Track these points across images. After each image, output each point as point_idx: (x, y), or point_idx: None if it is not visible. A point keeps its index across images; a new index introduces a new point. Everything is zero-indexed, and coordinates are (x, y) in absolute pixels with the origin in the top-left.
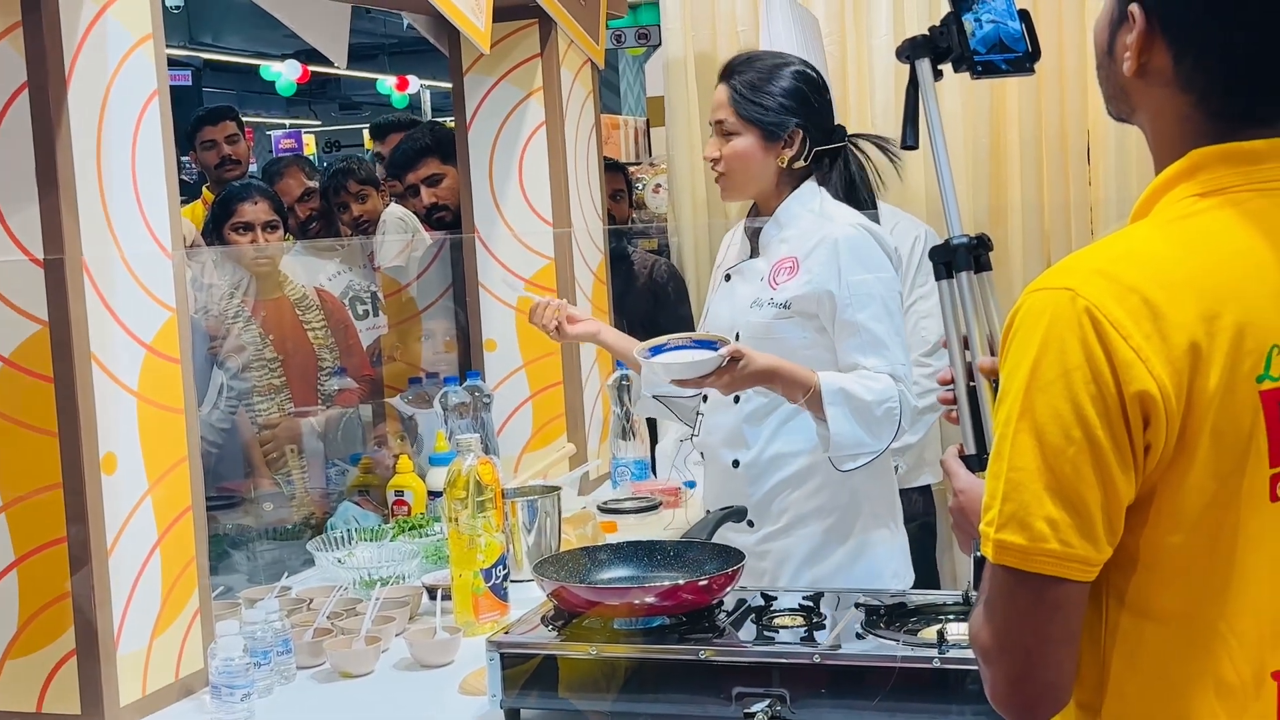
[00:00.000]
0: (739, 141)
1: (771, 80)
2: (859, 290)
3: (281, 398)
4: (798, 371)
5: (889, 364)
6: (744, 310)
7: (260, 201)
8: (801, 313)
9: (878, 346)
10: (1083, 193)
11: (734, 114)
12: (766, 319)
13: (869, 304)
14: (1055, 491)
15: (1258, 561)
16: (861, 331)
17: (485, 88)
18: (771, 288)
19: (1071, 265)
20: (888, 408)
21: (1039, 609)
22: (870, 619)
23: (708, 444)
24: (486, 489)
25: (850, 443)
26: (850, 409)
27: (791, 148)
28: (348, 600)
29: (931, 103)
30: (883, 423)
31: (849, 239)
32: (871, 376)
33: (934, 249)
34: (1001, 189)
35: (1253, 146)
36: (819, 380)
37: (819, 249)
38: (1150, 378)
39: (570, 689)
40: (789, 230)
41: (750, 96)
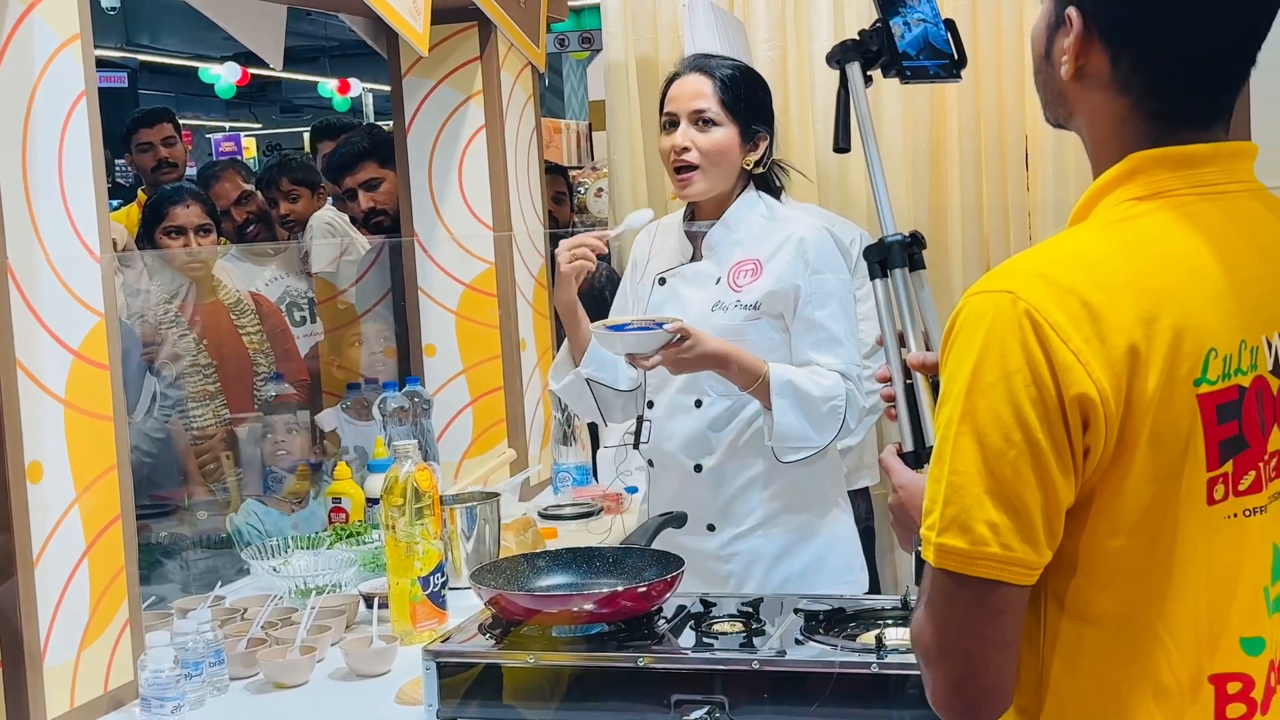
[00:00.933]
0: (721, 133)
1: (749, 81)
2: (820, 288)
3: (216, 404)
4: (748, 359)
5: (843, 362)
6: (703, 314)
7: (192, 205)
8: (770, 313)
9: (833, 344)
10: (1021, 196)
11: (719, 104)
12: (735, 321)
13: (828, 302)
14: (996, 495)
15: (1194, 565)
16: (818, 329)
17: (424, 90)
18: (733, 290)
19: (1012, 268)
20: (833, 405)
21: (980, 613)
22: (809, 624)
23: (664, 450)
24: (424, 496)
25: (794, 435)
26: (796, 402)
27: (757, 152)
28: (283, 610)
29: (863, 106)
30: (827, 419)
31: (814, 238)
32: (821, 373)
33: (868, 248)
34: (941, 192)
35: (1191, 150)
36: (769, 370)
37: (783, 249)
38: (1089, 381)
39: (508, 698)
40: (740, 232)
41: (736, 91)
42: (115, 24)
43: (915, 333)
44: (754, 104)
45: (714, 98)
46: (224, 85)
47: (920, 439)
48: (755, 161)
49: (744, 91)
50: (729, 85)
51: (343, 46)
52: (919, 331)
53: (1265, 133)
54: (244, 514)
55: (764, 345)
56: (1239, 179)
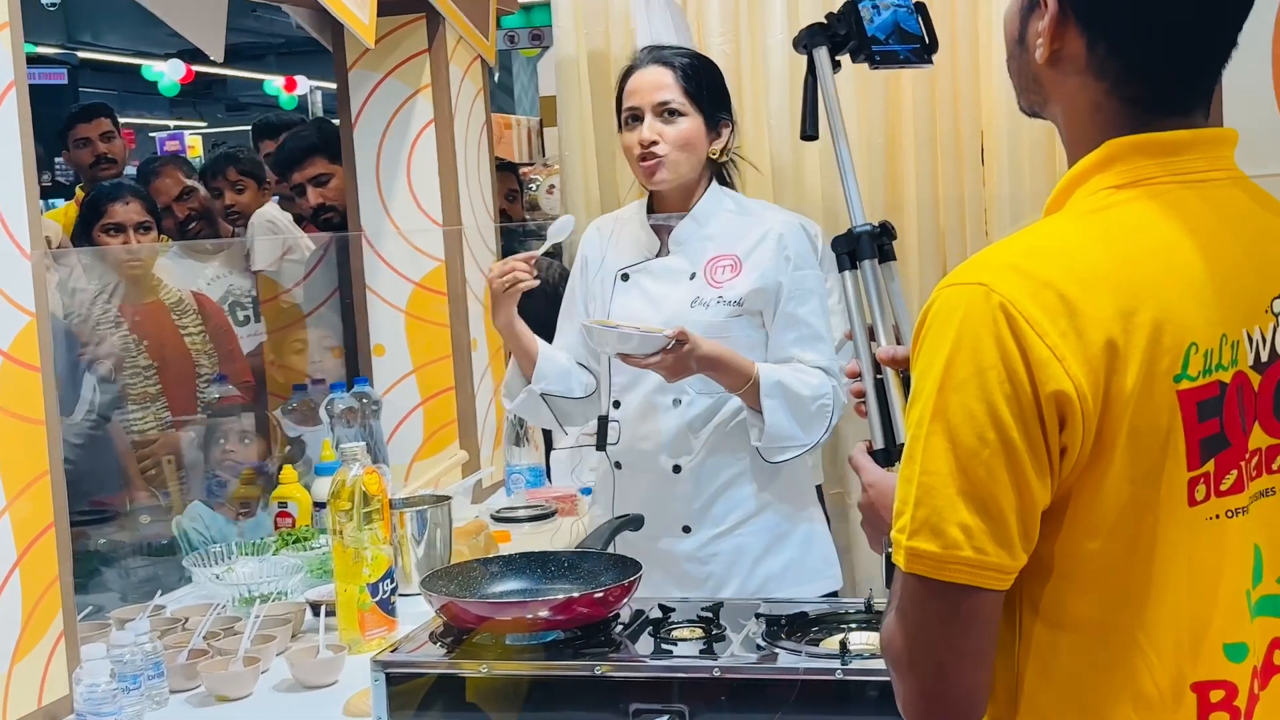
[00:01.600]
0: (687, 123)
1: (708, 68)
2: (801, 284)
3: (158, 406)
4: (739, 361)
5: (825, 358)
6: (680, 311)
7: (132, 201)
8: (751, 310)
9: (816, 340)
10: (977, 190)
11: (682, 94)
12: (719, 318)
13: (809, 298)
14: (969, 496)
15: (1175, 568)
16: (801, 325)
17: (371, 84)
18: (713, 286)
19: (985, 260)
20: (821, 404)
21: (953, 620)
22: (771, 630)
23: (639, 451)
24: (373, 499)
25: (784, 435)
26: (786, 402)
27: (721, 139)
28: (226, 619)
29: (830, 91)
30: (815, 418)
31: (792, 234)
32: (807, 371)
33: (837, 239)
34: (897, 186)
35: (1171, 136)
36: (758, 371)
37: (763, 244)
38: (1066, 377)
39: (461, 709)
40: (711, 227)
41: (697, 80)
42: (56, 20)
43: (885, 326)
44: (716, 91)
45: (677, 88)
46: (168, 83)
47: (891, 436)
48: (721, 149)
49: (705, 79)
50: (690, 74)
51: (289, 43)
52: (889, 325)
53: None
54: (190, 516)
55: (745, 342)
56: (1220, 166)
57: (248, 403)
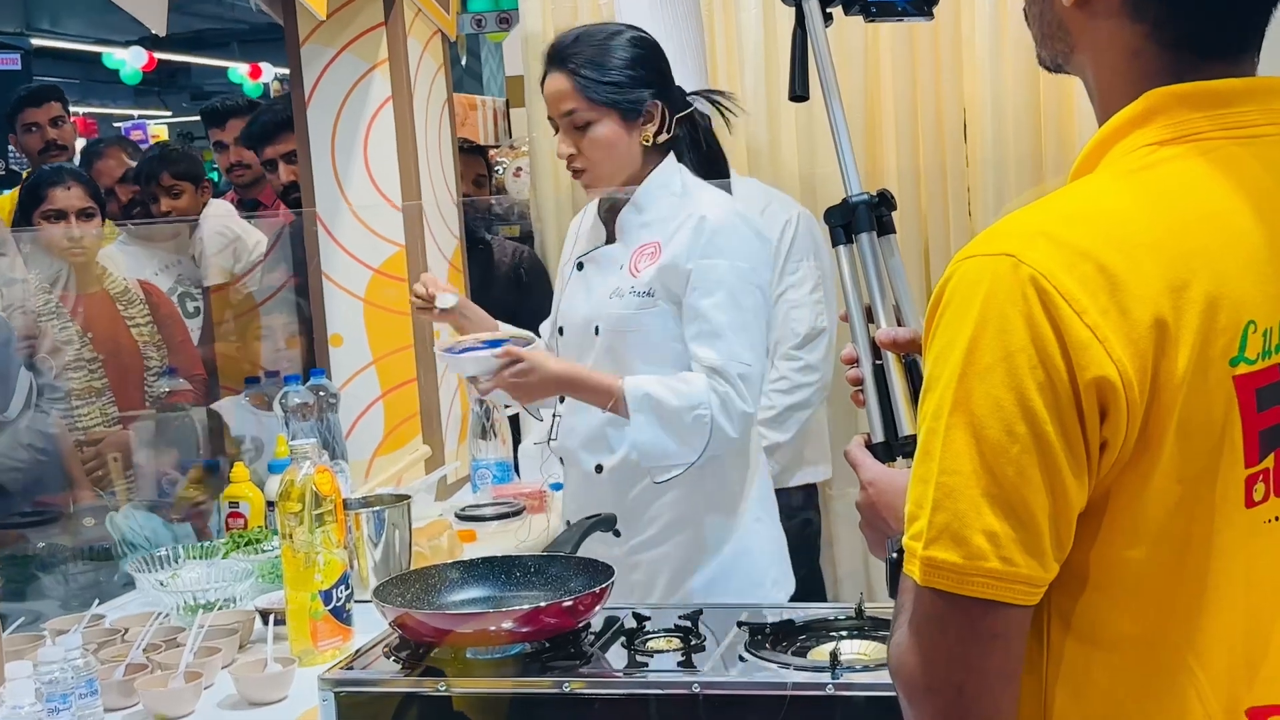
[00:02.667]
0: (598, 130)
1: (613, 53)
2: (707, 275)
3: (103, 401)
4: (598, 379)
5: (720, 357)
6: (603, 303)
7: (74, 186)
8: (668, 299)
9: (714, 337)
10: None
11: (584, 101)
12: (630, 309)
13: (715, 291)
14: (995, 499)
15: (1230, 579)
16: (701, 319)
17: (325, 60)
18: (633, 275)
19: (1010, 227)
20: (697, 414)
21: (976, 639)
22: (755, 639)
23: (566, 448)
24: (325, 500)
25: (657, 452)
26: (656, 416)
27: (653, 122)
28: (169, 629)
29: (822, 46)
30: (693, 430)
31: (715, 219)
32: (685, 379)
33: (830, 210)
34: (876, 159)
35: (1221, 85)
36: (623, 386)
37: (683, 228)
38: (1109, 361)
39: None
40: (650, 214)
41: (597, 77)
42: (14, 6)
43: (885, 306)
44: (628, 78)
45: (577, 96)
46: (129, 71)
47: (892, 428)
48: (656, 132)
49: (610, 72)
50: (587, 76)
51: (253, 30)
52: (889, 304)
53: None
54: (124, 516)
55: (660, 336)
56: (1275, 120)
57: (198, 398)
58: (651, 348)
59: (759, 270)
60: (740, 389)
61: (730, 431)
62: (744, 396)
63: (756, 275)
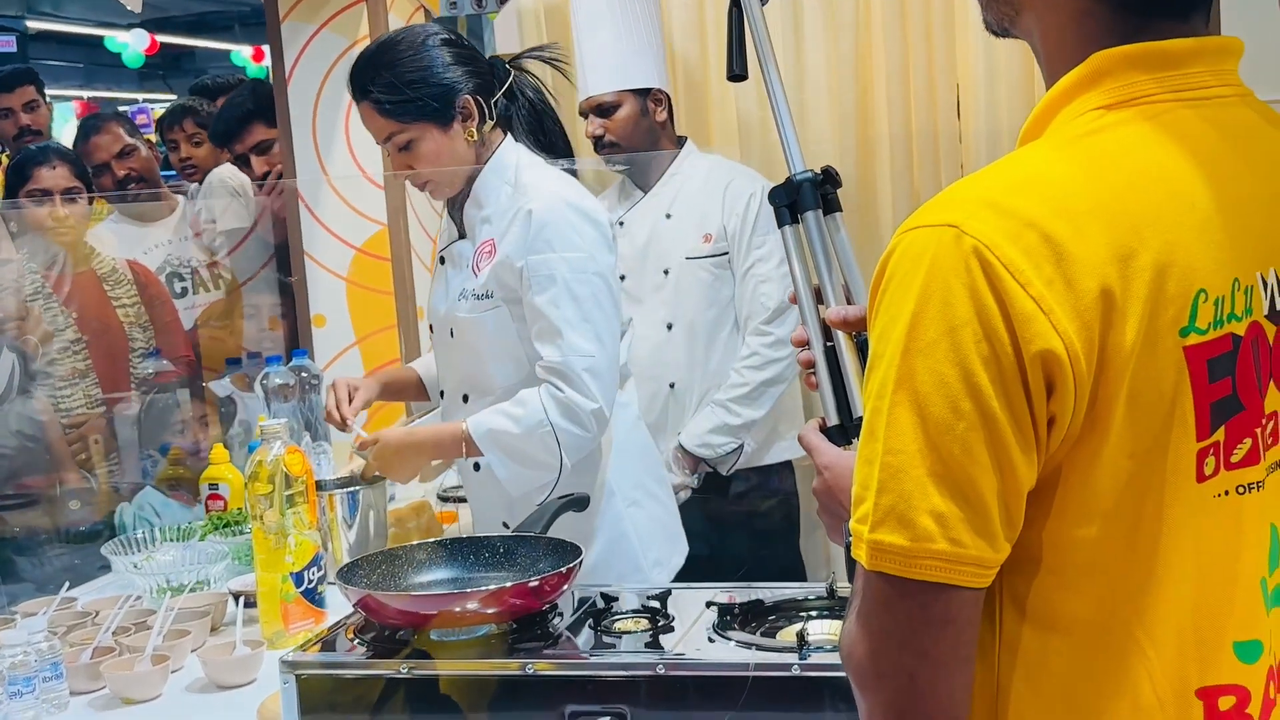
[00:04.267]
0: (421, 146)
1: (406, 67)
2: (539, 271)
3: (87, 383)
4: (441, 432)
5: (562, 354)
6: (454, 302)
7: (59, 166)
8: (506, 299)
9: (553, 334)
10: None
11: (394, 124)
12: (474, 312)
13: (548, 286)
14: (942, 478)
15: (1181, 557)
16: (540, 317)
17: (305, 36)
18: (475, 274)
19: (954, 196)
20: (541, 433)
21: (925, 623)
22: (723, 619)
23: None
24: (296, 481)
25: (521, 482)
26: (505, 452)
27: (472, 117)
28: (141, 611)
29: (759, 23)
30: (543, 449)
31: (540, 212)
32: (521, 401)
33: (774, 190)
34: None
35: (1169, 46)
36: (468, 430)
37: (513, 224)
38: (1055, 334)
39: (382, 712)
40: (489, 207)
41: (397, 97)
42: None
43: (834, 285)
44: (430, 86)
45: (384, 121)
46: (132, 54)
47: (846, 410)
48: (477, 126)
49: (408, 88)
50: (385, 99)
51: (256, 13)
52: (837, 283)
53: None
54: (138, 505)
55: (508, 336)
56: (1227, 81)
57: (185, 378)
58: (501, 348)
59: (595, 257)
60: (584, 385)
61: (580, 433)
62: (588, 393)
63: (592, 263)
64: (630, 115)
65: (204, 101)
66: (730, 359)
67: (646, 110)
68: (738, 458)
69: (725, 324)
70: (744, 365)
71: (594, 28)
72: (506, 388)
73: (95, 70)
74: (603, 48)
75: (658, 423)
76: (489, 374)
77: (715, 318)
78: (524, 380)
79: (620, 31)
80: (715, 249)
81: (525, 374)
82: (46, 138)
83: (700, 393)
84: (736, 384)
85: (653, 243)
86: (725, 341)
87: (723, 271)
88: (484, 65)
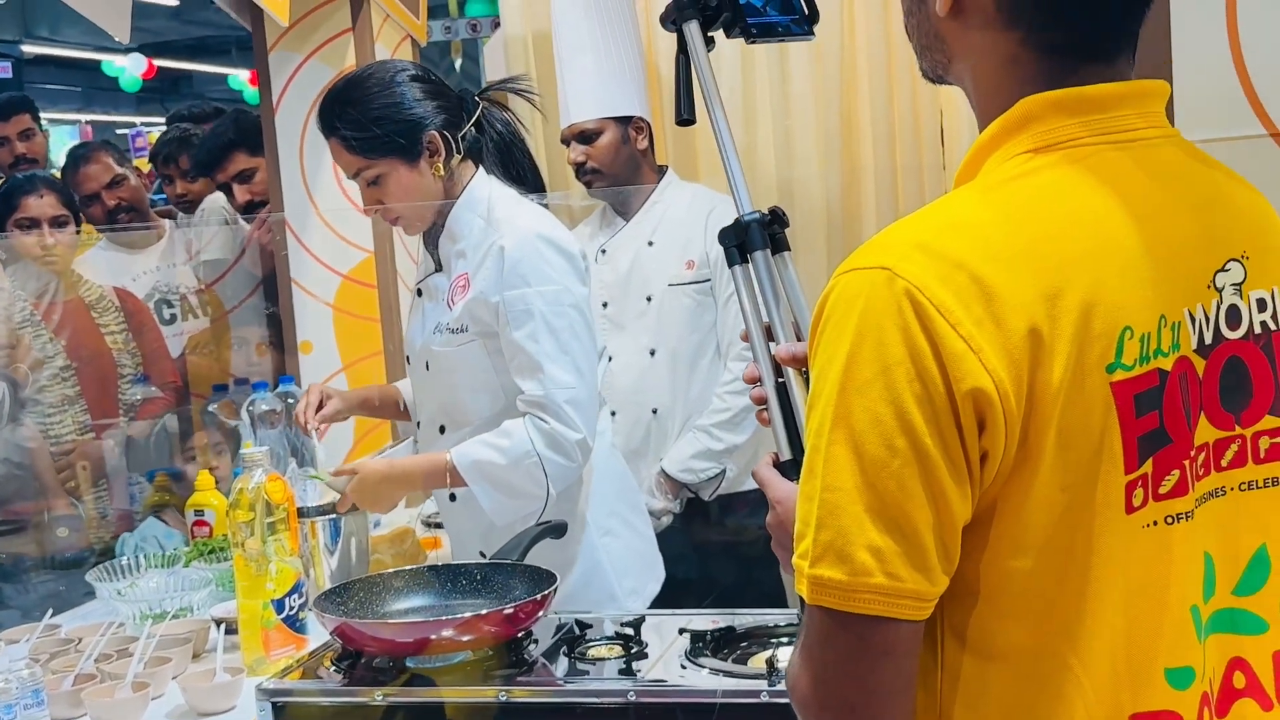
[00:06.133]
0: (388, 181)
1: (372, 103)
2: (514, 306)
3: (76, 409)
4: (425, 461)
5: (544, 388)
6: (430, 335)
7: (46, 194)
8: (481, 333)
9: (533, 369)
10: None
11: (362, 160)
12: (449, 346)
13: (526, 321)
14: (878, 514)
15: (1112, 586)
16: (519, 352)
17: (293, 66)
18: (449, 308)
19: (888, 240)
20: (528, 464)
21: (864, 655)
22: (696, 646)
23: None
24: (277, 508)
25: (506, 512)
26: (490, 482)
27: (439, 153)
28: (124, 639)
29: (705, 70)
30: (529, 479)
31: (513, 248)
32: (506, 432)
33: (723, 231)
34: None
35: (1095, 91)
36: (452, 461)
37: (487, 260)
38: (984, 372)
39: None
40: (462, 241)
41: (365, 133)
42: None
43: (783, 322)
44: (394, 122)
45: (353, 156)
46: (129, 78)
47: (797, 445)
48: (444, 161)
49: (374, 125)
50: (351, 135)
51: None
52: (787, 321)
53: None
54: (140, 535)
55: (483, 369)
56: (1154, 123)
57: (171, 405)
58: (476, 380)
59: (569, 289)
60: (567, 416)
61: (566, 463)
62: (572, 424)
63: (568, 295)
64: (612, 142)
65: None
66: (712, 385)
67: (628, 138)
68: (720, 483)
69: (707, 350)
70: (726, 390)
71: (576, 55)
72: (483, 419)
73: (93, 94)
74: (585, 75)
75: (640, 448)
76: (465, 406)
77: (697, 344)
78: (500, 412)
79: (602, 59)
80: (698, 276)
81: (501, 406)
82: (43, 166)
83: (683, 418)
84: (719, 409)
85: (635, 270)
86: (707, 368)
87: (705, 298)
88: (452, 100)
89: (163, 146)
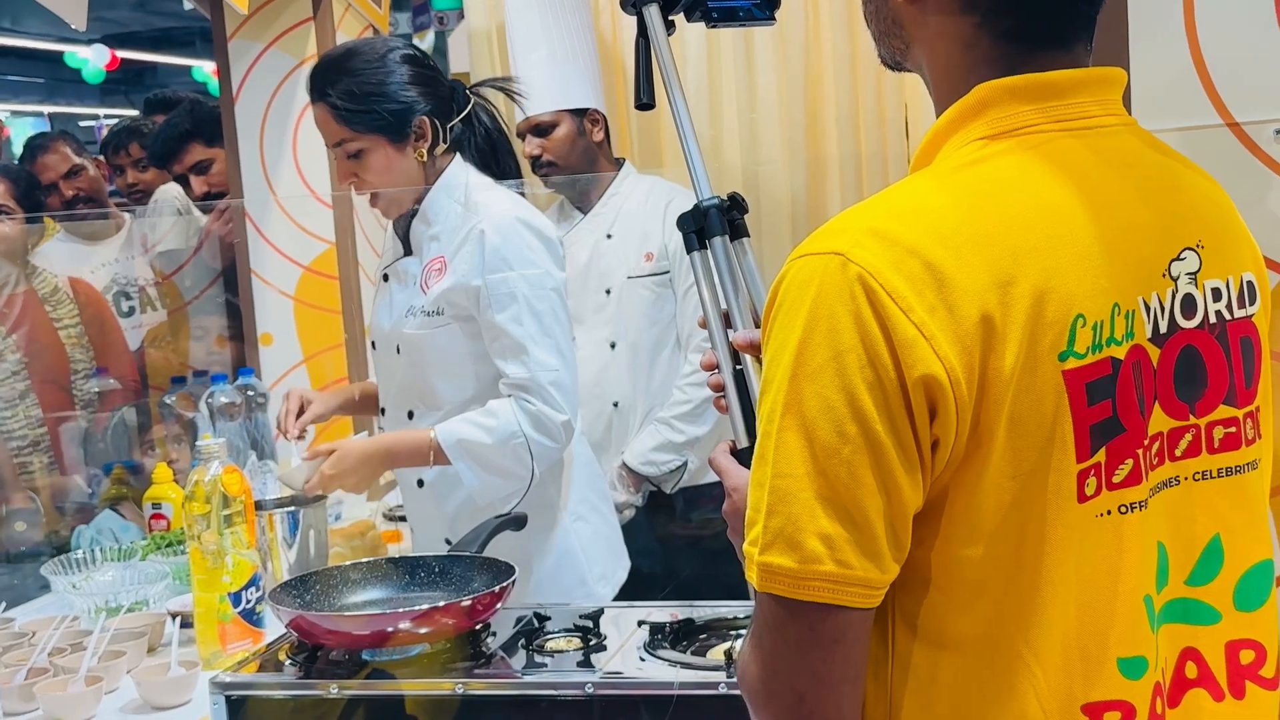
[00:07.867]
0: (370, 157)
1: (371, 77)
2: (498, 289)
3: (27, 403)
4: (409, 439)
5: (529, 370)
6: (401, 319)
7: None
8: (458, 317)
9: (517, 352)
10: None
11: (348, 131)
12: (424, 329)
13: (509, 304)
14: (829, 500)
15: (1064, 574)
16: (502, 335)
17: (252, 55)
18: (424, 292)
19: (842, 225)
20: (513, 444)
21: (814, 644)
22: (655, 638)
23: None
24: (234, 501)
25: (490, 492)
26: (475, 461)
27: (425, 138)
28: (78, 632)
29: (665, 54)
30: (515, 459)
31: (496, 230)
32: (492, 412)
33: (681, 216)
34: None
35: (1052, 77)
36: (437, 438)
37: (467, 243)
38: (936, 359)
39: None
40: (437, 225)
41: (356, 106)
42: None
43: (741, 309)
44: (390, 101)
45: (339, 125)
46: (92, 70)
47: (754, 432)
48: (430, 146)
49: (370, 99)
50: (346, 105)
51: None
52: (745, 308)
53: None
54: (96, 528)
55: (457, 353)
56: (1110, 110)
57: (132, 397)
58: (449, 365)
59: (550, 273)
60: (551, 397)
61: (551, 444)
62: (557, 405)
63: (549, 279)
64: (567, 135)
65: (150, 123)
66: (673, 377)
67: (583, 130)
68: (681, 475)
69: (667, 342)
70: (686, 383)
71: (529, 49)
72: (454, 404)
73: (56, 85)
74: (539, 68)
75: (602, 441)
76: (436, 390)
77: (657, 336)
78: (472, 396)
79: (556, 52)
80: (656, 268)
81: (473, 391)
82: (3, 159)
83: (644, 411)
84: (680, 401)
85: (594, 263)
86: (668, 360)
87: (664, 290)
88: (444, 88)
89: (112, 137)
